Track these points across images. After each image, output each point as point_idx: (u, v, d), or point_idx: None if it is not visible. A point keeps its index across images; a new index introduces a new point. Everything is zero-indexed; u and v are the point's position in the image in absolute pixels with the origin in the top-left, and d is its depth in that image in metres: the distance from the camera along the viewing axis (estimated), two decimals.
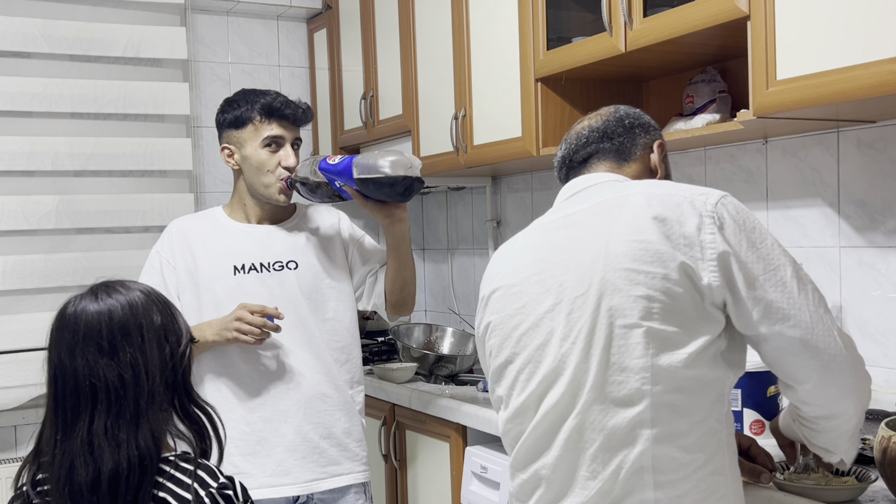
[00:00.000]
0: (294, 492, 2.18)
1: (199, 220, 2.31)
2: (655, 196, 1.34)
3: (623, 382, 1.30)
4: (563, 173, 1.58)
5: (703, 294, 1.29)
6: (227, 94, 3.60)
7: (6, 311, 3.17)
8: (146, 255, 3.33)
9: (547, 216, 1.52)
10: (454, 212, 3.69)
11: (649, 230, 1.30)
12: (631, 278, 1.30)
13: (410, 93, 3.07)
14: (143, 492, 1.29)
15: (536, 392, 1.38)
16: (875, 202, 2.06)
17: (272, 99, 2.19)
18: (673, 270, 1.28)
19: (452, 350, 3.20)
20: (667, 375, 1.28)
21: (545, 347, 1.37)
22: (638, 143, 1.54)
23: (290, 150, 2.20)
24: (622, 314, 1.30)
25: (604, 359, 1.31)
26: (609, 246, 1.33)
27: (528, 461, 1.42)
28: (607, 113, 1.57)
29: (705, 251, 1.29)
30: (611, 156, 1.53)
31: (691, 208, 1.31)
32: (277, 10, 3.68)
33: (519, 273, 1.45)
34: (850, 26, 1.65)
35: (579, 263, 1.36)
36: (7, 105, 3.15)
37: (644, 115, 1.59)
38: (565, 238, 1.41)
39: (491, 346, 1.49)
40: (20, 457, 3.18)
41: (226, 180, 3.62)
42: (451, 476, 2.50)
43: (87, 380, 1.30)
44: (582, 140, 1.55)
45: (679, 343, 1.29)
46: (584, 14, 2.48)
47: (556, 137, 2.50)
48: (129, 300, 1.35)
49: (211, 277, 2.19)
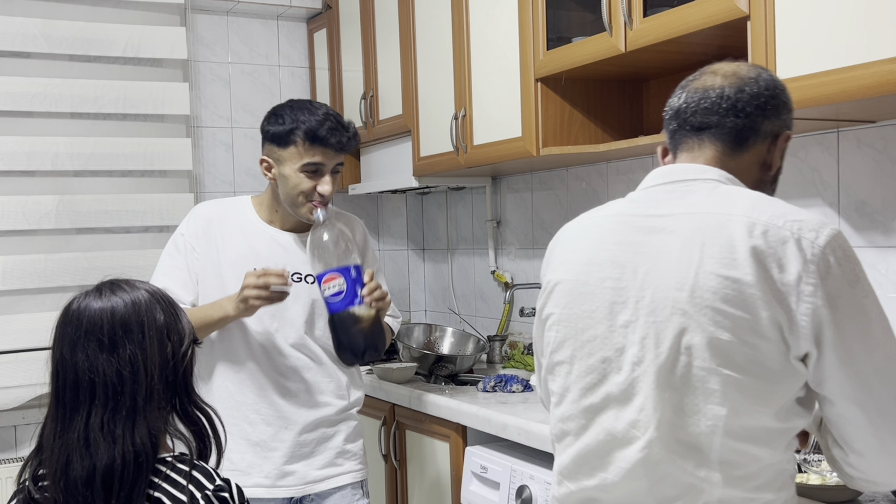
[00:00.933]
0: (291, 493, 2.19)
1: (227, 210, 2.25)
2: (759, 225, 1.22)
3: (694, 426, 1.23)
4: (672, 126, 1.41)
5: (790, 346, 1.20)
6: (227, 94, 3.65)
7: (6, 311, 3.17)
8: (146, 255, 3.35)
9: (631, 205, 1.39)
10: (454, 212, 3.69)
11: (745, 267, 1.19)
12: (717, 321, 1.20)
13: (410, 93, 3.06)
14: (137, 489, 1.29)
15: (597, 406, 1.32)
16: (875, 202, 2.06)
17: (318, 124, 2.10)
18: (763, 319, 1.19)
19: (452, 350, 3.20)
20: (741, 426, 1.22)
21: (613, 364, 1.30)
22: (761, 129, 1.35)
23: (329, 177, 2.13)
24: (702, 356, 1.21)
25: (677, 398, 1.23)
26: (699, 276, 1.22)
27: (578, 474, 1.36)
28: (745, 80, 1.36)
29: (801, 303, 1.19)
30: (727, 138, 1.35)
31: (796, 250, 1.19)
32: (277, 10, 3.68)
33: (592, 271, 1.35)
34: (850, 26, 1.65)
35: (662, 285, 1.26)
36: (7, 105, 3.15)
37: (784, 91, 1.38)
38: (651, 247, 1.29)
39: (549, 339, 1.41)
40: (20, 457, 3.18)
41: (226, 180, 3.62)
42: (451, 476, 2.50)
43: (86, 375, 1.31)
44: (706, 102, 1.36)
45: (759, 396, 1.21)
46: (584, 14, 2.48)
47: (556, 137, 2.50)
48: (132, 298, 1.36)
49: (231, 272, 2.16)
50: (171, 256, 2.21)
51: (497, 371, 3.00)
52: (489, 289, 3.48)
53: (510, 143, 2.60)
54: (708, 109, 1.35)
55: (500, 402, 2.45)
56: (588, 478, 1.34)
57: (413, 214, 3.94)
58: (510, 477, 2.20)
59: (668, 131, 1.43)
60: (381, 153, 3.37)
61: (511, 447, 2.31)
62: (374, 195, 3.85)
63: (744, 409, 1.21)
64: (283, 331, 2.16)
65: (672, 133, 1.41)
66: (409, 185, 3.16)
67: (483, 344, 3.14)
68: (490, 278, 3.46)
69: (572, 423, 1.36)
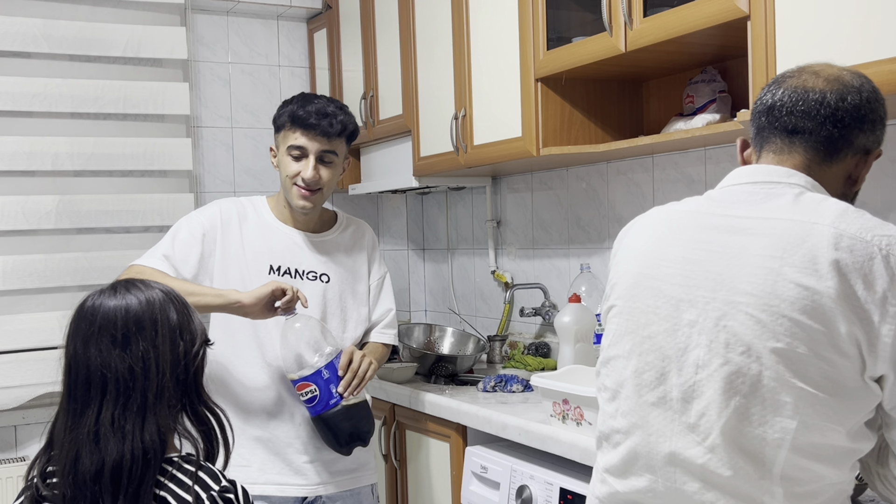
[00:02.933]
0: (302, 493, 2.19)
1: (245, 208, 2.27)
2: (846, 238, 1.17)
3: (760, 437, 1.19)
4: (761, 121, 1.34)
5: (867, 365, 1.16)
6: (226, 94, 3.65)
7: (6, 311, 3.17)
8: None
9: (710, 203, 1.33)
10: (454, 212, 3.69)
11: (827, 280, 1.15)
12: (794, 332, 1.16)
13: (410, 93, 3.06)
14: (145, 486, 1.30)
15: (653, 405, 1.28)
16: (875, 202, 2.06)
17: (302, 108, 2.15)
18: (843, 335, 1.14)
19: (452, 350, 3.20)
20: (810, 442, 1.18)
21: (674, 363, 1.26)
22: (855, 142, 1.29)
23: (312, 162, 2.15)
24: (775, 367, 1.17)
25: (743, 406, 1.19)
26: (777, 284, 1.17)
27: (627, 474, 1.32)
28: (848, 89, 1.29)
29: (885, 323, 1.14)
30: (819, 147, 1.28)
31: (884, 266, 1.15)
32: (277, 10, 3.68)
33: (662, 266, 1.30)
34: (850, 26, 1.65)
35: (736, 289, 1.21)
36: (7, 105, 3.15)
37: (883, 105, 1.32)
38: (727, 248, 1.24)
39: (610, 331, 1.37)
40: (20, 457, 3.18)
41: (226, 180, 3.62)
42: (451, 476, 2.50)
43: (98, 370, 1.32)
44: (802, 105, 1.29)
45: (832, 413, 1.17)
46: (584, 14, 2.48)
47: (556, 137, 2.50)
48: (147, 297, 1.38)
49: (247, 270, 2.19)
50: (181, 233, 2.19)
51: (497, 371, 3.00)
52: (489, 289, 3.48)
53: (510, 143, 2.59)
54: (805, 113, 1.28)
55: (500, 402, 2.45)
56: (637, 478, 1.30)
57: (413, 214, 3.94)
58: (510, 477, 2.20)
59: (754, 125, 1.35)
60: (381, 153, 3.37)
61: (511, 447, 2.31)
62: (374, 195, 3.85)
63: (814, 425, 1.17)
64: None
65: (759, 129, 1.34)
66: (410, 185, 3.16)
67: (483, 344, 3.14)
68: (490, 278, 3.46)
69: (624, 421, 1.32)
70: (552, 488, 2.05)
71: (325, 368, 2.06)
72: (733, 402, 1.19)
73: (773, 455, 1.19)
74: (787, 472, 1.19)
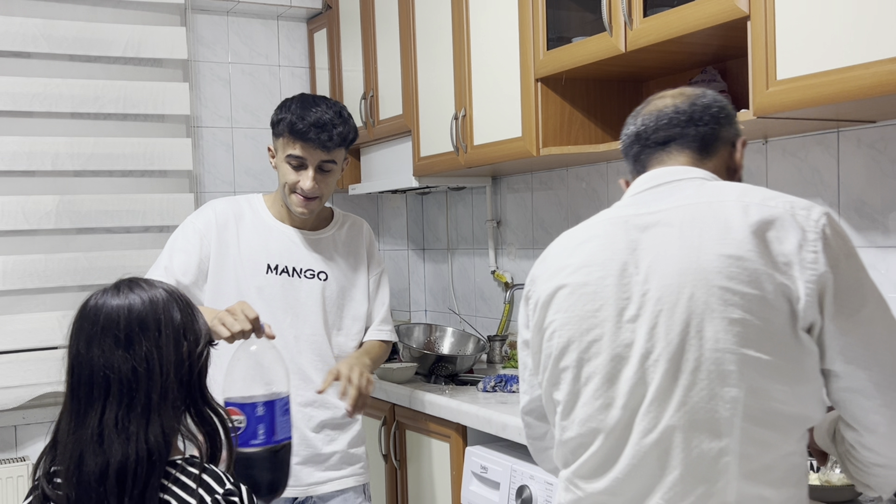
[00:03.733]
0: (294, 494, 2.19)
1: (241, 207, 2.27)
2: (753, 206, 1.25)
3: (711, 411, 1.22)
4: (634, 150, 1.45)
5: (798, 317, 1.21)
6: (227, 94, 3.65)
7: (6, 311, 3.17)
8: (146, 255, 3.34)
9: (622, 209, 1.39)
10: (454, 212, 3.69)
11: (746, 245, 1.21)
12: (725, 298, 1.21)
13: (410, 93, 3.06)
14: (150, 488, 1.29)
15: (610, 406, 1.30)
16: (875, 202, 2.06)
17: (301, 119, 2.12)
18: (770, 292, 1.20)
19: (452, 350, 3.20)
20: (759, 407, 1.21)
21: (622, 361, 1.28)
22: (721, 135, 1.41)
23: (311, 173, 2.15)
24: (714, 337, 1.21)
25: (690, 383, 1.22)
26: (701, 259, 1.23)
27: (590, 478, 1.34)
28: (694, 95, 1.43)
29: (805, 271, 1.20)
30: (694, 145, 1.40)
31: (793, 222, 1.23)
32: (277, 10, 3.68)
33: (592, 272, 1.33)
34: (851, 26, 1.65)
35: (666, 273, 1.26)
36: (7, 105, 3.15)
37: (730, 105, 1.46)
38: (650, 241, 1.30)
39: (553, 348, 1.38)
40: (20, 456, 3.18)
41: (226, 180, 3.62)
42: (451, 476, 2.50)
43: (101, 370, 1.31)
44: (663, 120, 1.41)
45: (774, 372, 1.21)
46: (584, 14, 2.48)
47: (556, 137, 2.50)
48: (150, 296, 1.36)
49: (243, 270, 2.19)
50: (183, 251, 2.19)
51: (497, 371, 3.00)
52: (489, 289, 3.48)
53: (510, 143, 2.59)
54: (667, 124, 1.40)
55: (500, 402, 2.45)
56: (599, 479, 1.32)
57: (413, 214, 3.94)
58: (510, 477, 2.20)
59: (630, 158, 1.47)
60: (382, 153, 3.37)
61: (511, 447, 2.31)
62: (374, 195, 3.85)
63: (761, 389, 1.21)
64: (296, 326, 2.19)
65: (635, 156, 1.45)
66: (410, 185, 3.16)
67: (483, 344, 3.14)
68: (490, 278, 3.46)
69: (583, 427, 1.33)
70: (552, 488, 2.05)
71: (264, 405, 1.76)
72: (681, 381, 1.23)
73: (728, 428, 1.21)
74: (743, 448, 1.22)
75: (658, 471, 1.25)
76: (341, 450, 2.24)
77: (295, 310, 2.20)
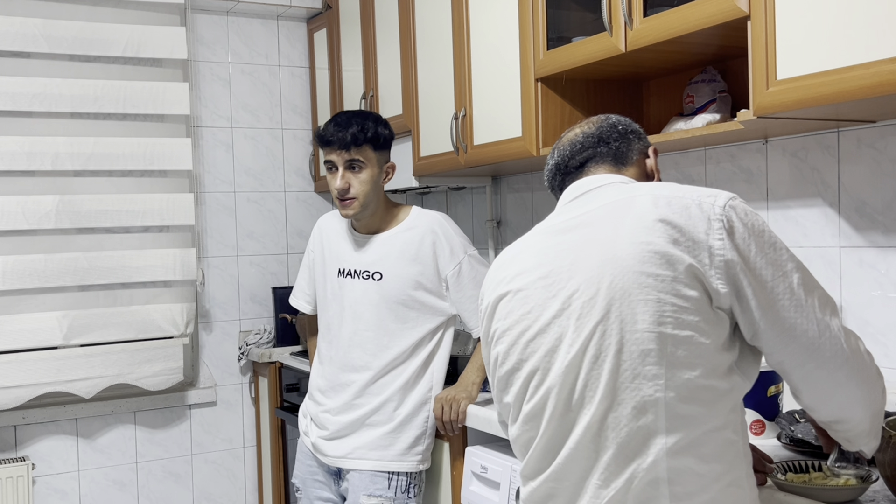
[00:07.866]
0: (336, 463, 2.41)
1: (332, 219, 2.54)
2: (662, 198, 1.32)
3: (636, 389, 1.27)
4: (556, 181, 1.56)
5: (712, 297, 1.27)
6: (227, 94, 3.65)
7: (6, 311, 3.17)
8: (146, 255, 3.35)
9: (551, 220, 1.49)
10: (454, 212, 3.69)
11: (657, 233, 1.28)
12: (641, 282, 1.27)
13: (410, 93, 3.06)
14: None
15: (546, 399, 1.36)
16: (875, 202, 2.06)
17: (324, 127, 2.35)
18: (682, 273, 1.26)
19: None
20: (681, 383, 1.26)
21: (554, 353, 1.35)
22: (633, 147, 1.53)
23: (340, 172, 2.32)
24: (633, 319, 1.27)
25: (615, 365, 1.28)
26: (616, 249, 1.30)
27: (539, 469, 1.39)
28: (598, 120, 1.56)
29: (714, 257, 1.26)
30: (609, 159, 1.51)
31: (699, 211, 1.29)
32: (277, 10, 3.68)
33: (525, 277, 1.42)
34: (851, 26, 1.65)
35: (587, 267, 1.33)
36: (7, 105, 3.16)
37: (634, 122, 1.58)
38: (572, 241, 1.38)
39: (497, 353, 1.46)
40: (20, 457, 3.18)
41: (226, 180, 3.62)
42: (451, 476, 2.50)
43: None
44: (577, 146, 1.53)
45: (692, 349, 1.26)
46: (584, 14, 2.48)
47: (556, 137, 2.50)
48: None
49: (326, 275, 2.48)
50: (302, 274, 2.63)
51: None
52: None
53: (510, 143, 2.60)
54: (581, 149, 1.53)
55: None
56: (546, 469, 1.38)
57: None
58: (510, 477, 2.20)
59: (556, 189, 1.56)
60: None
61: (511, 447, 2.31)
62: None
63: (679, 364, 1.26)
64: (354, 322, 2.39)
65: (560, 186, 1.55)
66: (410, 185, 3.16)
67: None
68: None
69: (528, 425, 1.40)
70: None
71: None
72: (607, 365, 1.28)
73: (653, 405, 1.26)
74: (669, 423, 1.26)
75: (594, 453, 1.31)
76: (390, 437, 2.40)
77: (353, 308, 2.38)
